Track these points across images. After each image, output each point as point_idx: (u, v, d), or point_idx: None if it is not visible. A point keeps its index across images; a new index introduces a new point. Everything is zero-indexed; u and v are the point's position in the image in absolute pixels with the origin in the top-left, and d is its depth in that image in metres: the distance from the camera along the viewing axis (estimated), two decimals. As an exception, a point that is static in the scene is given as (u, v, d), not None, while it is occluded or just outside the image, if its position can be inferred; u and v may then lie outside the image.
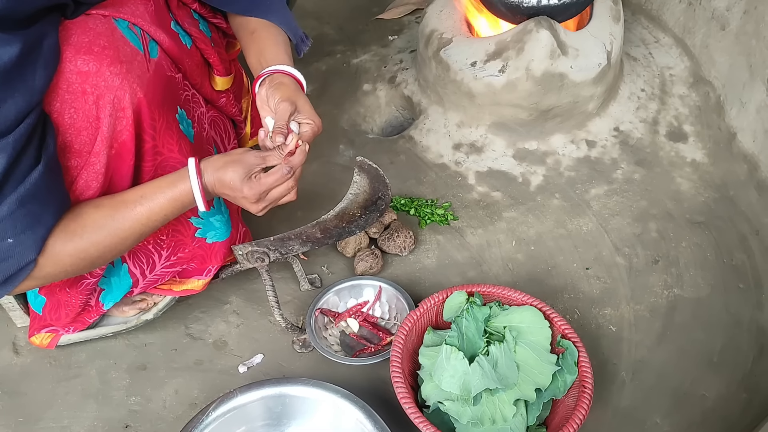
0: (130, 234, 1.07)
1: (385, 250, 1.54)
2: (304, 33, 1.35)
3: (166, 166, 1.14)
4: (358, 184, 1.29)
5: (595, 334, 1.42)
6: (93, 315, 1.32)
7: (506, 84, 1.67)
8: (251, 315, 1.46)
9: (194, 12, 1.31)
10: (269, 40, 1.25)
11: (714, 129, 1.79)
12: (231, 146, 1.43)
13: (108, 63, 1.00)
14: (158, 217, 1.08)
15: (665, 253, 1.55)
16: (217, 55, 1.32)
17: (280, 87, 1.14)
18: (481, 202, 1.66)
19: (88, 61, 0.99)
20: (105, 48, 1.01)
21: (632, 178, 1.70)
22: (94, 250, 1.04)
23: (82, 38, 1.00)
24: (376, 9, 2.26)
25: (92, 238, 1.03)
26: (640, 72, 1.90)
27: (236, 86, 1.47)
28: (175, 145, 1.14)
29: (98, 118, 1.01)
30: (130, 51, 1.05)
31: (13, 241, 0.94)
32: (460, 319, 1.26)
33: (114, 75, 1.01)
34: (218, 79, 1.36)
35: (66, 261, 1.02)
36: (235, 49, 1.49)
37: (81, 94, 0.99)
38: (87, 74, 0.99)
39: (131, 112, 1.04)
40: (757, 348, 1.39)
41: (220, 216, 1.29)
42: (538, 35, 1.61)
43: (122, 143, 1.05)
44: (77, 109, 0.99)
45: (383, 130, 1.94)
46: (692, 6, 1.90)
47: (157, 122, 1.09)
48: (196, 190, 1.07)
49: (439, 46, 1.75)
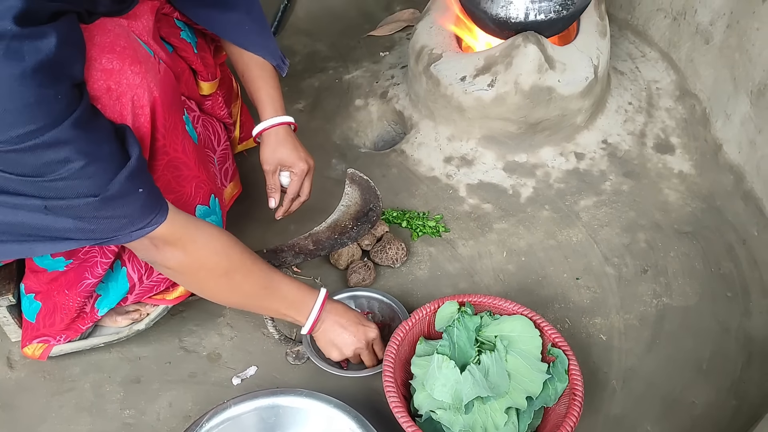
0: (262, 275, 1.18)
1: (378, 262, 1.56)
2: (283, 55, 1.44)
3: (171, 167, 1.16)
4: (349, 196, 1.31)
5: (586, 343, 1.43)
6: (87, 322, 1.33)
7: (495, 98, 1.69)
8: (245, 327, 1.47)
9: (176, 20, 1.34)
10: (255, 85, 1.40)
11: (700, 141, 1.82)
12: (221, 147, 1.46)
13: (129, 62, 1.03)
14: (278, 294, 1.20)
15: (654, 262, 1.57)
16: (200, 61, 1.36)
17: (265, 146, 1.37)
18: (472, 214, 1.68)
19: (112, 60, 1.02)
20: (125, 48, 1.04)
21: (621, 189, 1.73)
22: (238, 262, 1.14)
23: (105, 39, 1.02)
24: (367, 26, 2.30)
25: (242, 254, 1.14)
26: (627, 85, 1.94)
27: (225, 90, 1.50)
28: (180, 146, 1.16)
29: (122, 114, 1.04)
30: (145, 53, 1.08)
31: (143, 190, 0.99)
32: (451, 328, 1.27)
33: (134, 74, 1.04)
34: (203, 84, 1.40)
35: (218, 252, 1.12)
36: (222, 53, 1.51)
37: (106, 90, 1.01)
38: (111, 72, 1.01)
39: (148, 110, 1.06)
40: (746, 355, 1.41)
41: (215, 216, 1.30)
42: (525, 50, 1.64)
43: (139, 139, 1.07)
44: (104, 106, 1.01)
45: (375, 144, 1.96)
46: (677, 21, 1.94)
47: (168, 122, 1.12)
48: (314, 313, 1.23)
49: (429, 61, 1.78)
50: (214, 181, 1.34)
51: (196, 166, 1.22)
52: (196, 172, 1.22)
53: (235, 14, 1.34)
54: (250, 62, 1.38)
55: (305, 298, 1.24)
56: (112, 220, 0.98)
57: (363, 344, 1.28)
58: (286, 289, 1.21)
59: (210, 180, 1.28)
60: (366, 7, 2.40)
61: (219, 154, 1.44)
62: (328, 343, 1.29)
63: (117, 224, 0.99)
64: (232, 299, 1.23)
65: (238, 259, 1.15)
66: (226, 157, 1.48)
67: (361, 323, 1.30)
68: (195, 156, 1.21)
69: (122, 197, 0.96)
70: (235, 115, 1.58)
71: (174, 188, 1.19)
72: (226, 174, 1.48)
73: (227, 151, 1.49)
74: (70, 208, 0.94)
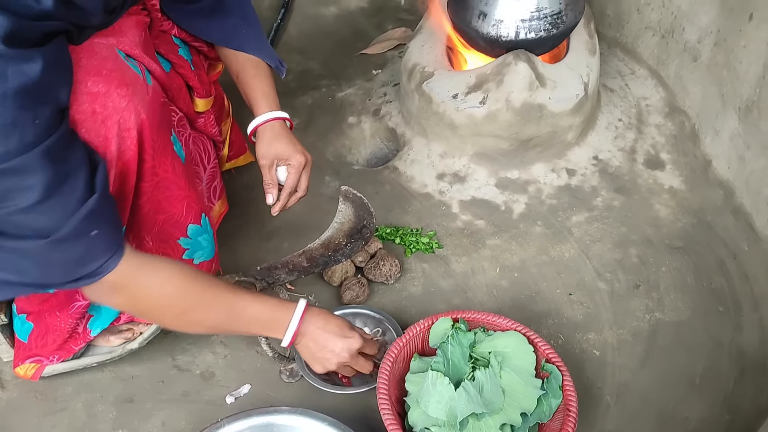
0: (224, 307, 1.14)
1: (372, 279, 1.56)
2: (280, 59, 1.45)
3: (161, 187, 1.16)
4: (343, 213, 1.32)
5: (580, 358, 1.43)
6: (79, 342, 1.32)
7: (487, 115, 1.71)
8: (238, 345, 1.47)
9: (174, 37, 1.35)
10: (250, 84, 1.39)
11: (690, 157, 1.84)
12: (210, 165, 1.46)
13: (116, 85, 1.03)
14: (249, 318, 1.17)
15: (646, 277, 1.58)
16: (197, 78, 1.37)
17: (260, 142, 1.35)
18: (465, 231, 1.69)
19: (98, 83, 1.02)
20: (112, 71, 1.04)
21: (612, 205, 1.74)
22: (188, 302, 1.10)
23: (92, 61, 1.03)
24: (359, 44, 2.32)
25: (197, 286, 1.11)
26: (617, 102, 1.96)
27: (217, 108, 1.51)
28: (169, 166, 1.17)
29: (107, 138, 1.03)
30: (133, 75, 1.08)
31: (98, 233, 0.96)
32: (445, 345, 1.27)
33: (121, 97, 1.04)
34: (199, 101, 1.40)
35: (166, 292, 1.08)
36: (216, 71, 1.53)
37: (91, 114, 1.01)
38: (97, 95, 1.01)
39: (135, 133, 1.06)
40: (738, 370, 1.42)
41: (207, 235, 1.30)
42: (516, 68, 1.66)
43: (126, 162, 1.08)
44: (88, 129, 1.01)
45: (368, 161, 1.97)
46: (665, 39, 1.97)
47: (156, 143, 1.12)
48: (293, 327, 1.19)
49: (421, 79, 1.80)
50: (203, 199, 1.35)
51: (187, 186, 1.22)
52: (186, 191, 1.22)
53: (231, 20, 1.37)
54: (246, 63, 1.39)
55: (279, 317, 1.20)
56: (58, 267, 0.97)
57: (346, 357, 1.24)
58: (256, 313, 1.18)
59: (200, 199, 1.29)
60: (358, 25, 2.43)
61: (208, 172, 1.45)
62: (310, 358, 1.27)
63: (62, 271, 0.97)
64: (197, 331, 1.22)
65: (196, 298, 1.12)
66: (214, 175, 1.48)
67: (344, 335, 1.25)
68: (184, 175, 1.22)
69: (74, 239, 0.94)
70: (225, 133, 1.58)
71: (165, 208, 1.19)
72: (214, 192, 1.48)
73: (216, 169, 1.49)
74: (15, 251, 0.92)
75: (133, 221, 1.19)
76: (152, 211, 1.18)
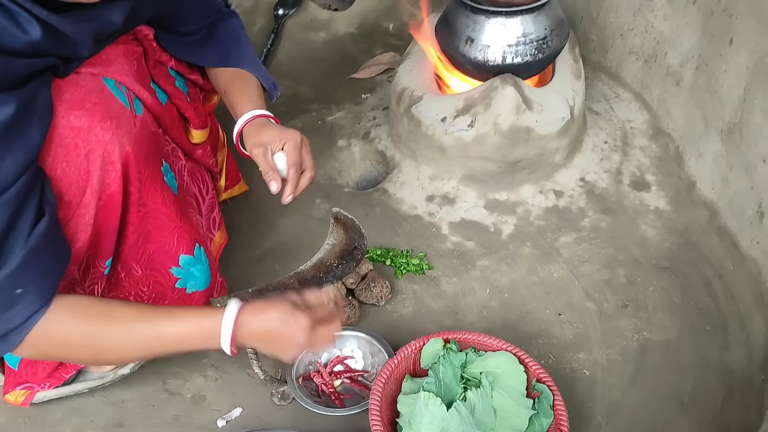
0: (142, 340, 1.05)
1: (363, 301, 1.57)
2: (274, 81, 1.45)
3: (149, 218, 1.17)
4: (334, 235, 1.33)
5: (570, 378, 1.44)
6: (70, 370, 1.32)
7: (475, 138, 1.74)
8: (229, 368, 1.46)
9: (171, 69, 1.36)
10: (236, 93, 1.36)
11: (674, 178, 1.87)
12: (209, 196, 1.47)
13: (99, 119, 1.05)
14: (174, 338, 1.07)
15: (634, 297, 1.60)
16: (193, 109, 1.38)
17: (249, 137, 1.27)
18: (455, 252, 1.71)
19: (81, 117, 1.03)
20: (96, 104, 1.05)
21: (599, 226, 1.77)
22: (101, 340, 1.03)
23: (75, 95, 1.04)
24: (348, 69, 2.35)
25: (107, 328, 1.03)
26: (602, 125, 1.99)
27: (212, 139, 1.52)
28: (159, 197, 1.18)
29: (89, 171, 1.05)
30: (119, 107, 1.09)
31: (23, 291, 0.95)
32: (437, 365, 1.28)
33: (104, 130, 1.05)
34: (195, 132, 1.42)
35: (74, 341, 1.02)
36: (211, 102, 1.54)
37: (73, 148, 1.02)
38: (79, 129, 1.03)
39: (119, 166, 1.07)
40: (726, 388, 1.43)
41: (201, 266, 1.31)
42: (504, 91, 1.69)
43: (110, 195, 1.09)
44: (69, 163, 1.03)
45: (358, 183, 1.99)
46: (648, 63, 2.01)
47: (143, 175, 1.13)
48: (227, 333, 1.05)
49: (410, 103, 1.83)
50: (198, 230, 1.35)
51: (178, 217, 1.23)
52: (177, 222, 1.23)
53: (226, 45, 1.39)
54: (234, 77, 1.38)
55: (208, 332, 1.07)
56: None
57: (303, 339, 1.09)
58: (182, 333, 1.07)
59: (193, 229, 1.29)
60: (347, 50, 2.46)
61: (207, 203, 1.46)
62: (270, 353, 1.16)
63: None
64: (123, 362, 1.17)
65: (105, 340, 1.04)
66: (213, 206, 1.50)
67: (288, 323, 1.08)
68: (175, 206, 1.23)
69: None
70: (220, 163, 1.60)
71: (155, 238, 1.20)
72: (213, 223, 1.49)
73: (214, 199, 1.51)
74: None
75: (121, 251, 1.19)
76: (141, 241, 1.19)
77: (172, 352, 1.10)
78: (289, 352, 1.13)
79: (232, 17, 1.44)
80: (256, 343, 1.13)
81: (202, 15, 1.36)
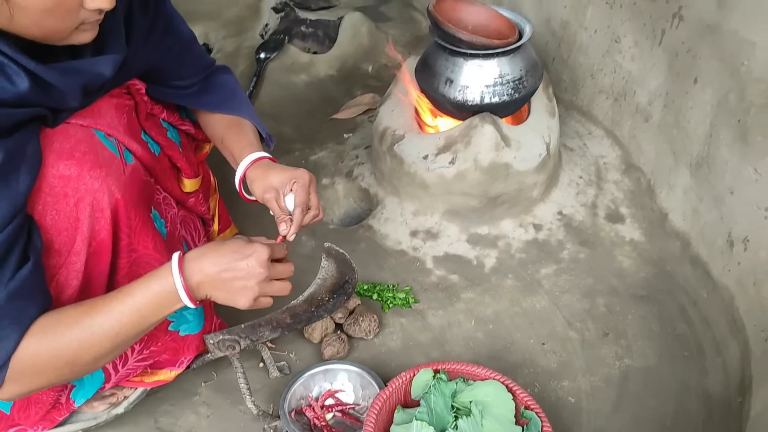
0: (105, 332, 1.01)
1: (351, 335, 1.59)
2: (269, 134, 1.48)
3: (140, 263, 1.19)
4: (326, 269, 1.36)
5: (556, 405, 1.48)
6: (63, 413, 1.31)
7: (456, 174, 1.80)
8: (221, 405, 1.47)
9: (163, 120, 1.40)
10: (233, 140, 1.38)
11: (647, 210, 1.94)
12: (201, 243, 1.49)
13: (88, 167, 1.06)
14: (133, 314, 1.02)
15: (614, 326, 1.65)
16: (185, 159, 1.41)
17: (256, 181, 1.28)
18: (440, 285, 1.75)
19: (70, 166, 1.05)
20: (85, 153, 1.07)
21: (578, 257, 1.83)
22: (67, 349, 0.99)
23: (64, 144, 1.06)
24: (329, 110, 2.41)
25: (66, 334, 0.99)
26: (577, 161, 2.07)
27: (204, 186, 1.56)
28: (150, 242, 1.20)
29: (78, 219, 1.06)
30: (108, 156, 1.11)
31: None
32: (428, 395, 1.31)
33: (93, 179, 1.07)
34: (187, 181, 1.45)
35: (43, 361, 0.99)
36: (203, 151, 1.58)
37: (63, 196, 1.04)
38: (69, 178, 1.05)
39: (109, 213, 1.09)
40: (706, 411, 1.48)
41: (193, 309, 1.33)
42: (483, 129, 1.76)
43: (100, 242, 1.11)
44: (59, 211, 1.04)
45: (342, 220, 2.03)
46: (618, 102, 2.11)
47: (133, 221, 1.15)
48: (178, 282, 1.02)
49: (392, 141, 1.89)
50: None
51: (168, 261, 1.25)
52: None
53: (221, 94, 1.43)
54: (231, 124, 1.40)
55: (157, 289, 1.03)
56: None
57: (261, 271, 1.06)
58: (136, 306, 1.02)
59: None
60: (327, 92, 2.53)
61: None
62: (227, 299, 1.09)
63: None
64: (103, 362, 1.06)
65: (71, 347, 1.00)
66: None
67: (243, 252, 1.06)
68: (166, 251, 1.25)
69: None
70: (213, 209, 1.63)
71: None
72: None
73: None
74: None
75: None
76: None
77: (144, 328, 1.05)
78: (245, 288, 1.07)
79: (225, 72, 1.49)
80: (212, 286, 1.05)
81: (196, 70, 1.41)
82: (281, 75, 2.56)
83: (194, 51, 1.40)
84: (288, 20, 2.79)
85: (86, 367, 1.04)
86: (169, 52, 1.31)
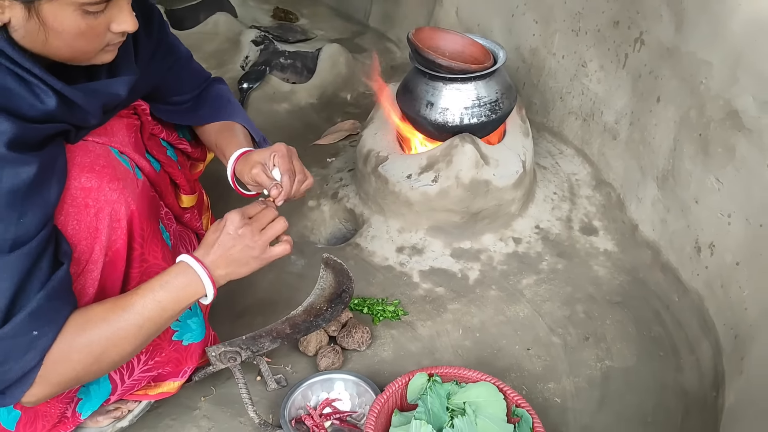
0: (130, 326, 1.09)
1: (345, 347, 1.65)
2: (263, 136, 1.56)
3: (150, 273, 1.25)
4: (324, 279, 1.43)
5: (543, 406, 1.55)
6: (69, 426, 1.34)
7: (439, 192, 1.88)
8: (221, 417, 1.51)
9: (162, 140, 1.47)
10: (225, 142, 1.46)
11: (619, 222, 2.05)
12: None
13: (107, 180, 1.13)
14: (155, 308, 1.11)
15: (593, 330, 1.74)
16: (183, 176, 1.48)
17: (243, 167, 1.36)
18: (427, 298, 1.82)
19: (91, 178, 1.12)
20: (104, 167, 1.14)
21: (556, 268, 1.92)
22: (97, 344, 1.07)
23: (85, 159, 1.13)
24: (312, 136, 2.49)
25: (95, 331, 1.07)
26: (550, 178, 2.18)
27: (199, 203, 1.62)
28: (159, 253, 1.26)
29: (97, 228, 1.12)
30: (124, 170, 1.19)
31: (38, 333, 1.00)
32: (425, 396, 1.37)
33: (112, 190, 1.14)
34: (184, 197, 1.51)
35: (74, 358, 1.06)
36: (197, 170, 1.65)
37: (84, 207, 1.11)
38: (90, 190, 1.11)
39: (125, 223, 1.16)
40: (684, 407, 1.56)
41: (197, 318, 1.38)
42: (463, 149, 1.86)
43: (116, 251, 1.16)
44: (80, 221, 1.10)
45: (329, 240, 2.10)
46: (587, 122, 2.23)
47: (146, 231, 1.22)
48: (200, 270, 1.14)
49: (376, 163, 1.97)
50: None
51: None
52: None
53: (216, 103, 1.51)
54: (224, 128, 1.48)
55: (180, 283, 1.14)
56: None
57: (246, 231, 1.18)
58: (159, 301, 1.12)
59: None
60: (308, 119, 2.62)
61: None
62: (238, 272, 1.21)
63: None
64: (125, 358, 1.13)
65: (102, 345, 1.08)
66: None
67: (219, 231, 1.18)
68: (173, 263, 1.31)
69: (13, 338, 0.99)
70: (205, 225, 1.69)
71: None
72: None
73: None
74: None
75: None
76: None
77: (164, 321, 1.14)
78: (246, 248, 1.18)
79: (219, 83, 1.57)
80: (224, 269, 1.18)
81: (193, 85, 1.49)
82: (264, 104, 2.64)
83: (192, 67, 1.49)
84: (267, 52, 2.89)
85: (111, 364, 1.11)
86: (170, 71, 1.40)
